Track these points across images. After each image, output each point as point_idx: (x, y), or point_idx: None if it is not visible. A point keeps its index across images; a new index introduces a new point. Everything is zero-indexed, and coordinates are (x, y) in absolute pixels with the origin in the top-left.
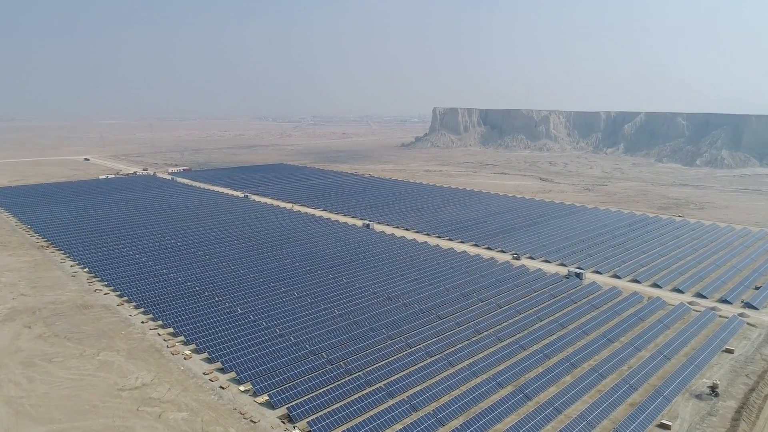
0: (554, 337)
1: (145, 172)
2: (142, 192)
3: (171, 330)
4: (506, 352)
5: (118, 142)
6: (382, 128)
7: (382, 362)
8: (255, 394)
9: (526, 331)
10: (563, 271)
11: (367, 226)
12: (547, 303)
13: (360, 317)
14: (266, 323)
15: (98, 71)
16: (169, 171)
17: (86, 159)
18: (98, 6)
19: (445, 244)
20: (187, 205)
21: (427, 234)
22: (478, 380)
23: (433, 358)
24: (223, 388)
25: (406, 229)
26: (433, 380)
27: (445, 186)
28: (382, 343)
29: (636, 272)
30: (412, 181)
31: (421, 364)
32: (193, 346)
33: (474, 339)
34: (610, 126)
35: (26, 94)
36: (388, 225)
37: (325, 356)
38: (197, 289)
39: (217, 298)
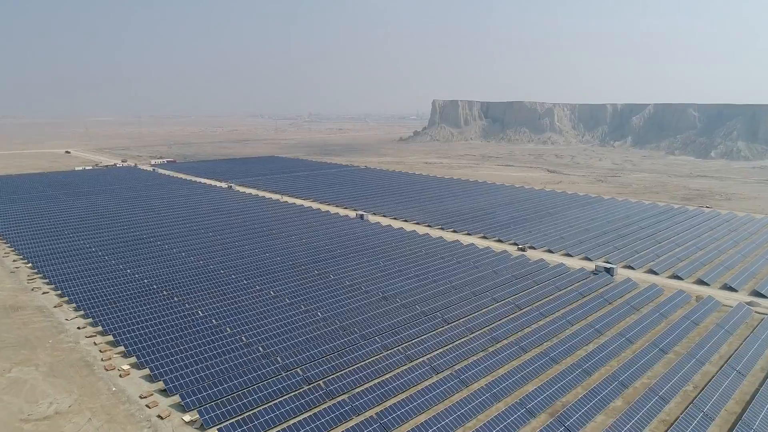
0: (591, 346)
1: (124, 164)
2: (118, 183)
3: (111, 338)
4: (534, 367)
5: (107, 137)
6: (380, 125)
7: (375, 381)
8: (203, 427)
9: (555, 339)
10: (589, 266)
11: (362, 217)
12: (576, 304)
13: (348, 321)
14: (231, 329)
15: (97, 70)
16: (152, 162)
17: (67, 152)
18: (98, 5)
19: (449, 236)
20: (163, 196)
21: (429, 225)
22: (502, 406)
23: (440, 376)
24: (161, 418)
25: (405, 220)
26: (441, 406)
27: (446, 177)
28: (375, 354)
29: (675, 267)
30: (411, 172)
31: (426, 383)
32: (133, 360)
33: (491, 350)
34: (617, 118)
35: (25, 93)
36: (384, 216)
37: (301, 373)
38: (155, 287)
39: (176, 299)
